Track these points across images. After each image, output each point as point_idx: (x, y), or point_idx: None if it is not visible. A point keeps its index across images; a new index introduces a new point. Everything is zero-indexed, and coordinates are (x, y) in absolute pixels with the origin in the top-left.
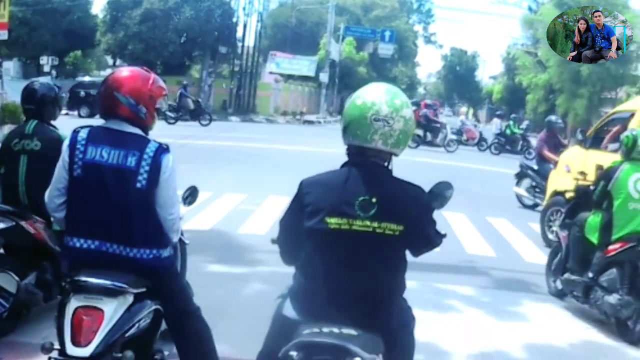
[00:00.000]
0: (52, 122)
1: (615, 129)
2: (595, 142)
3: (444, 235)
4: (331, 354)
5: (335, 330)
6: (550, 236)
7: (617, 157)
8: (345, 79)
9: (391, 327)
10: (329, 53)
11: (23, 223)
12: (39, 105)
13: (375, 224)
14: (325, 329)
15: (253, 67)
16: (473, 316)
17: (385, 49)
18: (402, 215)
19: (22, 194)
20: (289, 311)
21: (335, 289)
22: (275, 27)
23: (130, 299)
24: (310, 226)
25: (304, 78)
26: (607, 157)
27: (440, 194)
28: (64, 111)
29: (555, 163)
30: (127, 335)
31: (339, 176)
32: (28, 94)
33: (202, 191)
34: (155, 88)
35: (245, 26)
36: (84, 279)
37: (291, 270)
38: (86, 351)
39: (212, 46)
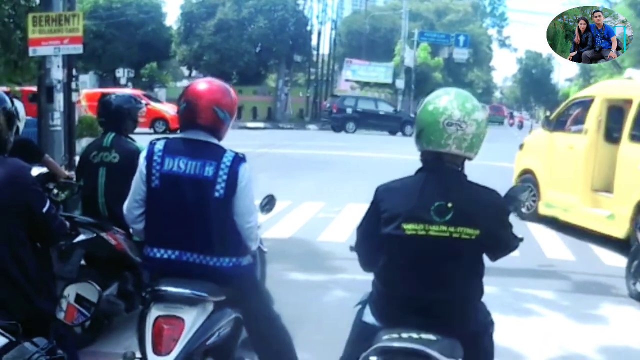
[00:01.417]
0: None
1: (576, 112)
2: (558, 125)
3: (521, 239)
4: (411, 358)
5: (415, 335)
6: (524, 210)
7: (579, 137)
8: (421, 85)
9: (470, 331)
10: (404, 59)
11: (104, 234)
12: (113, 117)
13: (452, 229)
14: (405, 334)
15: (329, 75)
16: (553, 320)
17: (460, 54)
18: (478, 219)
19: (101, 206)
20: (369, 317)
21: (414, 295)
22: (350, 35)
23: (210, 307)
24: (387, 232)
25: (380, 85)
26: (569, 138)
27: (515, 197)
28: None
29: (521, 145)
30: (207, 343)
31: (414, 182)
32: (103, 106)
33: (281, 200)
34: (236, 101)
35: (319, 34)
36: (164, 288)
37: (372, 277)
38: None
39: (287, 55)
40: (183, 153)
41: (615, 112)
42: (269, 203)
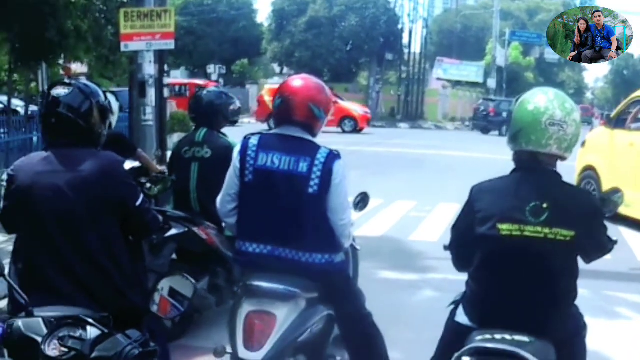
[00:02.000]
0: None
1: (636, 110)
2: (619, 122)
3: (615, 242)
4: None
5: (508, 336)
6: None
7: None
8: (512, 85)
9: (563, 334)
10: (495, 58)
11: (195, 229)
12: (205, 113)
13: (547, 230)
14: (498, 336)
15: (420, 74)
16: None
17: (552, 54)
18: (574, 220)
19: (193, 201)
20: (462, 318)
21: (508, 296)
22: (441, 33)
23: (302, 303)
24: (482, 233)
25: (472, 84)
26: (630, 135)
27: (610, 199)
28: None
29: (583, 142)
30: (299, 340)
31: (509, 182)
32: (195, 102)
33: (373, 198)
34: (332, 99)
35: (410, 32)
36: (256, 283)
37: (463, 277)
38: (258, 355)
39: (379, 53)
40: (277, 148)
41: None
42: (362, 200)
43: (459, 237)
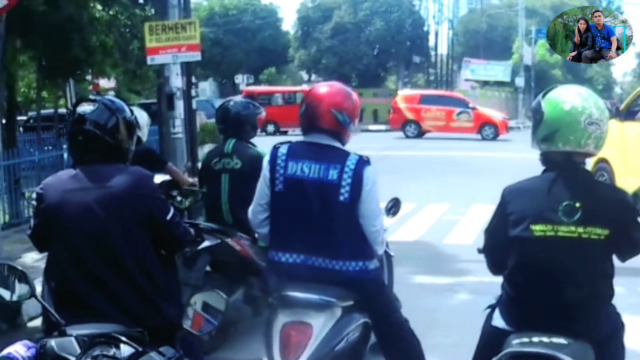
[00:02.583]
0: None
1: None
2: (629, 115)
3: None
4: None
5: (545, 339)
6: None
7: None
8: (541, 83)
9: (601, 334)
10: (522, 57)
11: (229, 240)
12: (232, 124)
13: (581, 229)
14: (535, 339)
15: (448, 75)
16: None
17: None
18: (608, 219)
19: (225, 213)
20: (498, 321)
21: (544, 297)
22: (467, 34)
23: (338, 312)
24: (516, 234)
25: (500, 83)
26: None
27: None
28: None
29: None
30: (336, 349)
31: (541, 182)
32: (222, 113)
33: (406, 202)
34: (358, 105)
35: (436, 34)
36: (291, 293)
37: (500, 280)
38: None
39: (406, 56)
40: (306, 157)
41: None
42: (394, 206)
43: (493, 240)
